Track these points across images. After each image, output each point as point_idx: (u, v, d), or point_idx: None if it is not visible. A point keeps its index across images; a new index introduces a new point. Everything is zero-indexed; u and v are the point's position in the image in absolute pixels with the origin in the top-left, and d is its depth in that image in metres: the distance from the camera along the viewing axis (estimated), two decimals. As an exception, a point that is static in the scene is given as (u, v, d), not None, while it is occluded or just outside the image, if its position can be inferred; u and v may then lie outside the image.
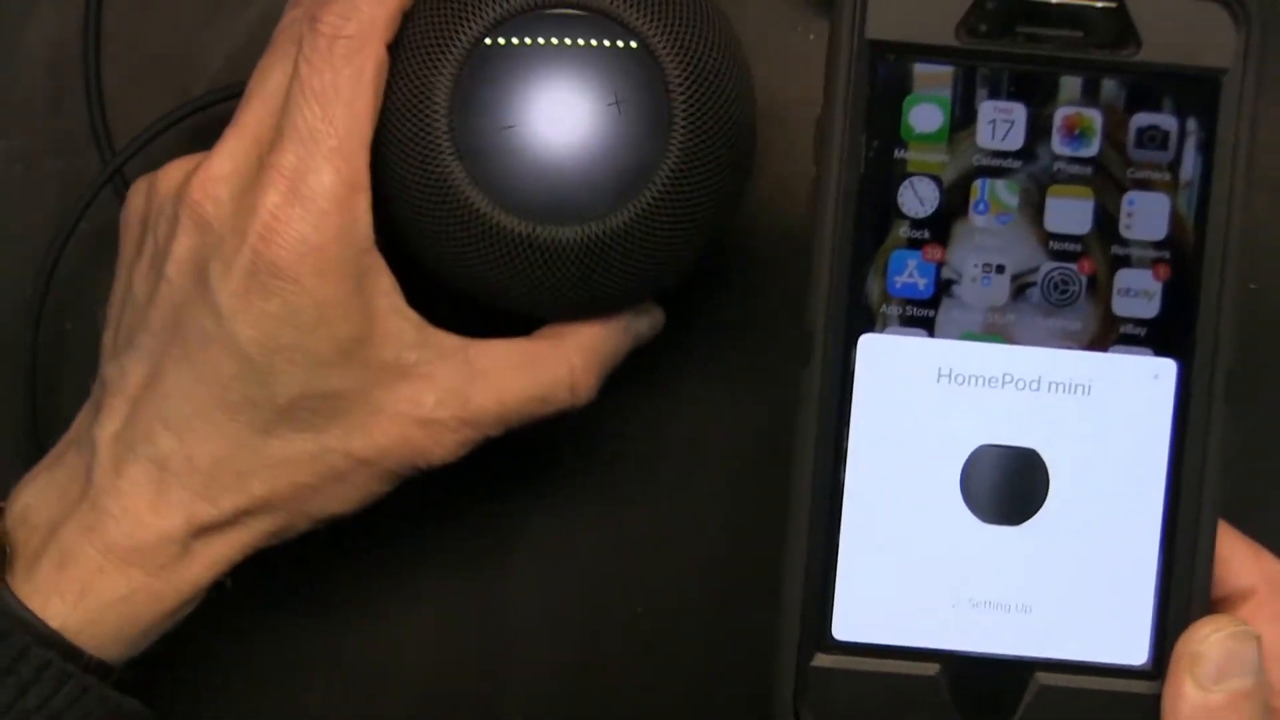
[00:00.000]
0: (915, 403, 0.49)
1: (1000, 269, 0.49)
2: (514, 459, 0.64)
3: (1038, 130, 0.49)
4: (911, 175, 0.49)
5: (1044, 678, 0.50)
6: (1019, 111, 0.49)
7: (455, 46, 0.56)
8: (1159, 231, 0.49)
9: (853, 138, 0.49)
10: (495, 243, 0.57)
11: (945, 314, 0.49)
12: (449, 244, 0.57)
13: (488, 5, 0.56)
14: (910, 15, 0.49)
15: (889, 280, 0.49)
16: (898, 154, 0.49)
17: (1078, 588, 0.50)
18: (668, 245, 0.57)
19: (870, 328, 0.49)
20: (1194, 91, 0.49)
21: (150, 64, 0.65)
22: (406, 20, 0.58)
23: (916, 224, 0.49)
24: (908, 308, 0.50)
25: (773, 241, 0.65)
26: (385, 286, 0.56)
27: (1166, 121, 0.49)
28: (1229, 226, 0.49)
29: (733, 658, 0.65)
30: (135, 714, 0.57)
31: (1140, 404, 0.49)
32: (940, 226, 0.49)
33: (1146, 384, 0.49)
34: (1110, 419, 0.49)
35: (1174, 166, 0.49)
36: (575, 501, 0.66)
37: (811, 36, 0.65)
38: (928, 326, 0.50)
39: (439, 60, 0.57)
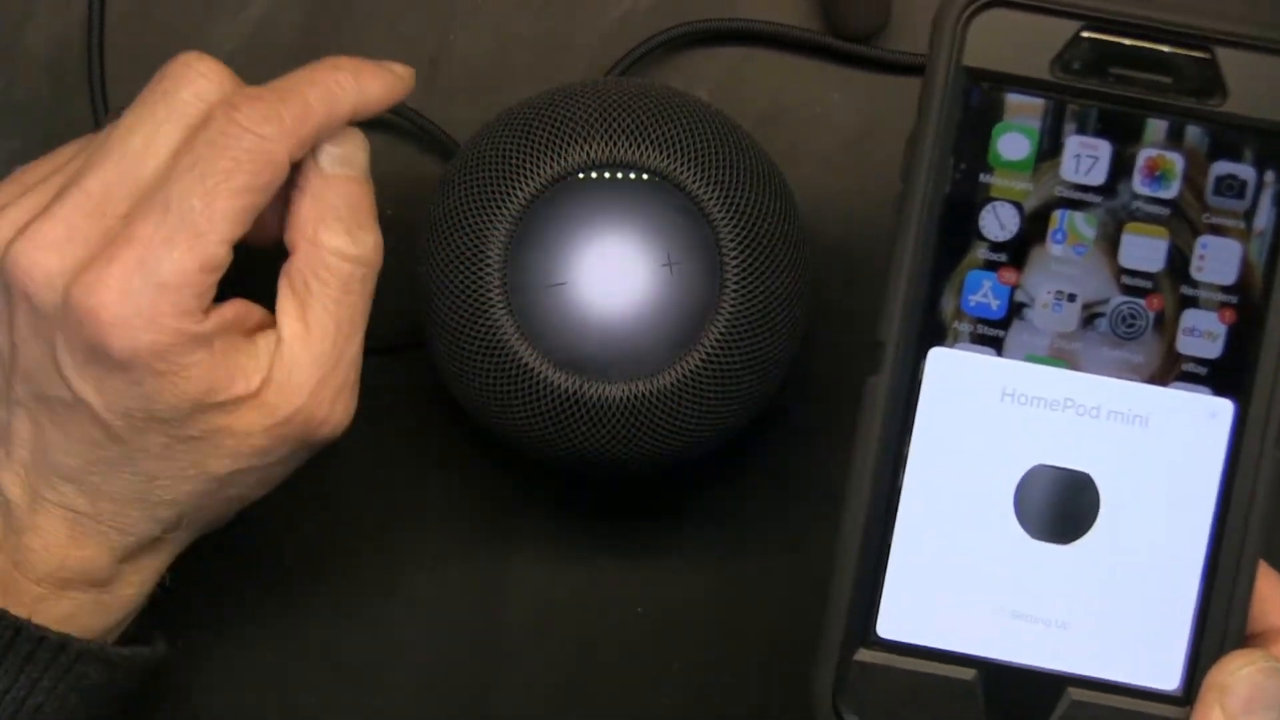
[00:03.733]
0: (978, 417, 0.51)
1: (1072, 297, 0.51)
2: (515, 460, 0.65)
3: (1120, 168, 0.51)
4: (994, 200, 0.51)
5: (1076, 693, 0.51)
6: (1104, 148, 0.51)
7: (512, 202, 0.57)
8: (1228, 276, 0.51)
9: (941, 158, 0.51)
10: (541, 397, 0.58)
11: (1014, 336, 0.51)
12: (495, 395, 0.58)
13: (545, 163, 0.57)
14: (1008, 46, 0.50)
15: (963, 298, 0.51)
16: (983, 178, 0.51)
17: (1117, 610, 0.51)
18: (714, 407, 0.58)
19: (941, 342, 0.51)
20: (1275, 145, 0.50)
21: (149, 63, 0.64)
22: (466, 173, 0.58)
23: (995, 247, 0.51)
24: (979, 326, 0.51)
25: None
26: (235, 342, 0.55)
27: (1245, 171, 0.50)
28: None
29: (732, 658, 0.65)
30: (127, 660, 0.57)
31: (1195, 440, 0.51)
32: (1018, 251, 0.51)
33: (1203, 421, 0.51)
34: (1164, 451, 0.51)
35: (1249, 215, 0.51)
36: (575, 501, 0.66)
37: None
38: (996, 346, 0.51)
39: (495, 214, 0.57)
